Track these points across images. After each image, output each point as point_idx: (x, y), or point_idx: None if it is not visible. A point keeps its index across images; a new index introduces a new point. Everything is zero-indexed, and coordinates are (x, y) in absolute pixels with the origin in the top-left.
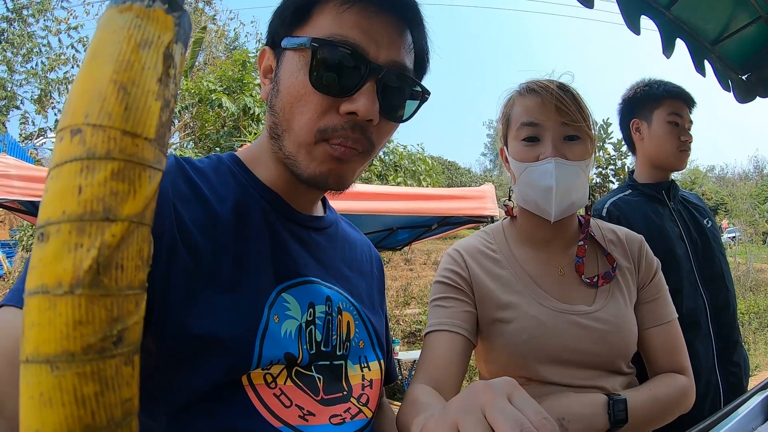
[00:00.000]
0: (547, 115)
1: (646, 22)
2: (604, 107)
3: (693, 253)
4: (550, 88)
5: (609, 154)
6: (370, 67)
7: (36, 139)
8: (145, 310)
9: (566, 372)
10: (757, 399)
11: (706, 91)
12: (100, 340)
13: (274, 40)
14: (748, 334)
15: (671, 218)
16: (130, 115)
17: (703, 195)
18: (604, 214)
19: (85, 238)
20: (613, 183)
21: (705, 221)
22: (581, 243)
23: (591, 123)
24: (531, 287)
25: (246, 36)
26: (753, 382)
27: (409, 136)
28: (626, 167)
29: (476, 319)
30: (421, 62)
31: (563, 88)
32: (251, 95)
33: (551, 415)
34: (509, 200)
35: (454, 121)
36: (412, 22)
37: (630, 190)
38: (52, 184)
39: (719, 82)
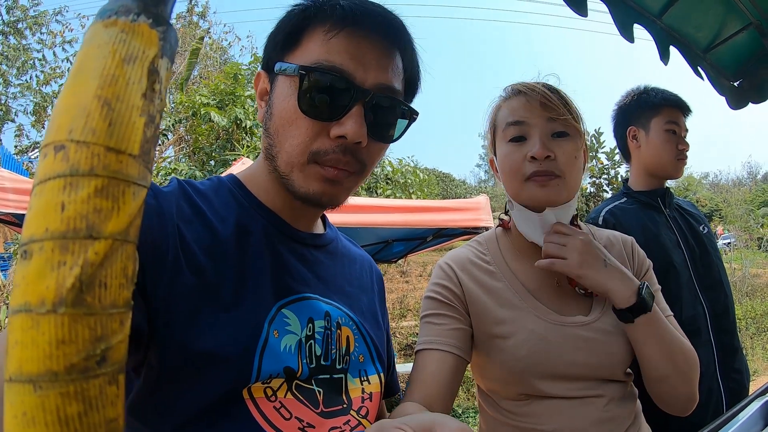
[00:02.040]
0: (533, 112)
1: (640, 31)
2: (595, 117)
3: (691, 261)
4: (536, 87)
5: (602, 163)
6: (357, 91)
7: (31, 152)
8: (149, 327)
9: (566, 385)
10: (756, 405)
11: (699, 97)
12: (84, 360)
13: (268, 64)
14: (746, 339)
15: (667, 225)
16: (114, 131)
17: (697, 202)
18: (600, 223)
19: (68, 255)
20: (607, 192)
21: (701, 228)
22: None
23: (579, 119)
24: (528, 300)
25: (241, 49)
26: (751, 388)
27: (404, 149)
28: (620, 176)
29: (469, 336)
30: (412, 83)
31: (549, 87)
32: (243, 108)
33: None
34: (505, 214)
35: (448, 133)
36: (400, 44)
37: (625, 198)
38: (36, 201)
39: (714, 87)
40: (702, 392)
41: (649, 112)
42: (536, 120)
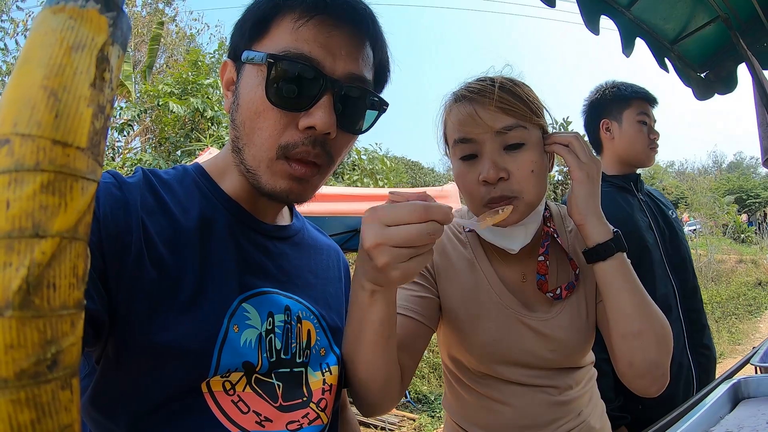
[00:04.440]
0: (480, 126)
1: (606, 22)
2: (563, 106)
3: (661, 242)
4: (484, 90)
5: None
6: (326, 80)
7: None
8: (109, 320)
9: (523, 371)
10: (723, 388)
11: (666, 87)
12: (34, 365)
13: (235, 53)
14: (712, 323)
15: (640, 208)
16: (60, 123)
17: (663, 189)
18: None
19: (13, 256)
20: None
21: (669, 212)
22: (541, 258)
23: (538, 113)
24: (499, 290)
25: (210, 38)
26: (718, 370)
27: (373, 136)
28: None
29: (436, 305)
30: (382, 73)
31: (501, 86)
32: (207, 96)
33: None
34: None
35: (417, 121)
36: (369, 34)
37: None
38: None
39: (680, 79)
40: (673, 367)
41: (620, 104)
42: (484, 136)
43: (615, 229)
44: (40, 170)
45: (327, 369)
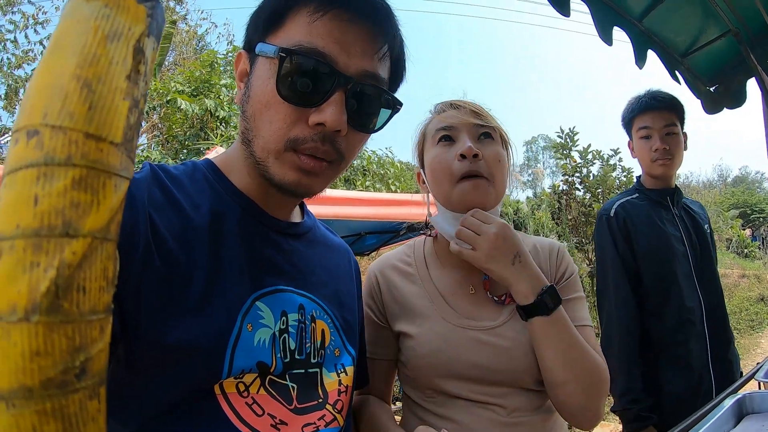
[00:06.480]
0: (462, 119)
1: (619, 34)
2: (569, 117)
3: (692, 256)
4: (462, 101)
5: (575, 162)
6: (339, 77)
7: (1, 136)
8: (119, 320)
9: (469, 387)
10: (727, 403)
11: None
12: (61, 373)
13: (249, 44)
14: None
15: (673, 222)
16: (94, 115)
17: None
18: (612, 215)
19: (42, 256)
20: (579, 190)
21: (705, 227)
22: None
23: (504, 132)
24: (439, 303)
25: (218, 37)
26: None
27: (379, 140)
28: (591, 174)
29: (392, 334)
30: (397, 71)
31: (473, 104)
32: (218, 97)
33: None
34: (426, 227)
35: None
36: (386, 30)
37: (637, 194)
38: (5, 193)
39: (691, 91)
40: (694, 379)
41: (628, 126)
42: (464, 125)
43: (543, 287)
44: (72, 165)
45: (342, 370)
